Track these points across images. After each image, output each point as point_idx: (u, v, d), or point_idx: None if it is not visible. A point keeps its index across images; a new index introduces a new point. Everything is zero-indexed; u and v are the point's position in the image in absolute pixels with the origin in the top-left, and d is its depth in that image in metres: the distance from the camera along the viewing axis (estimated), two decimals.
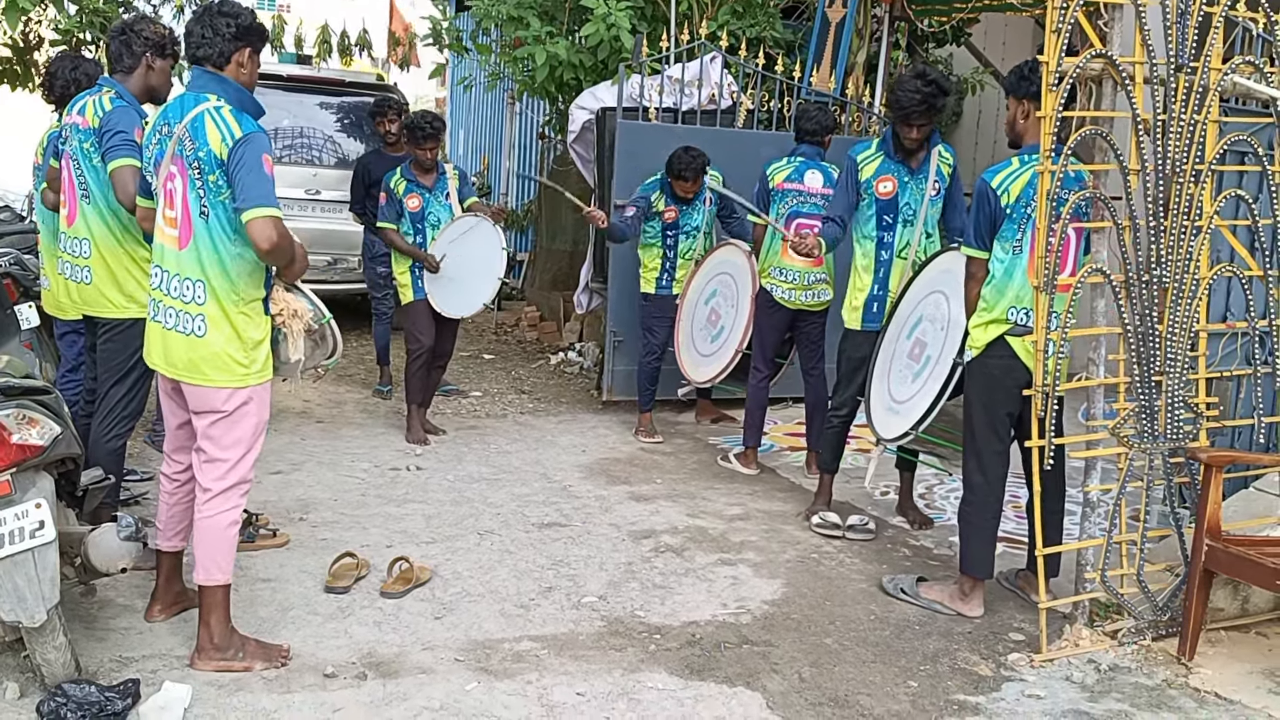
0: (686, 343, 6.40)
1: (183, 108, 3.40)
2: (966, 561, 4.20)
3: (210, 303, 3.37)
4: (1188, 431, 3.92)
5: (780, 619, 4.09)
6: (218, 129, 3.30)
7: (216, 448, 3.44)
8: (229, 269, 3.37)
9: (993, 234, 4.06)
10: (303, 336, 3.56)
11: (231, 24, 3.40)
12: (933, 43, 9.51)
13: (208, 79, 3.42)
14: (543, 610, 4.07)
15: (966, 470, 4.21)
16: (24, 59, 7.97)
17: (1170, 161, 3.79)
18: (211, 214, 3.34)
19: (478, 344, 9.54)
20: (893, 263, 5.04)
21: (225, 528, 3.46)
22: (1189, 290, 3.86)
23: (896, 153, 4.98)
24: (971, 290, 4.15)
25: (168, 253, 3.43)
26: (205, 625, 3.46)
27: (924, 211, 4.99)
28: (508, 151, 12.25)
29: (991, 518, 4.17)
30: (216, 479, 3.45)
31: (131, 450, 5.67)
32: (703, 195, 6.47)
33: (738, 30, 7.91)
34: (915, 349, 4.70)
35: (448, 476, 5.70)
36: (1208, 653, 3.83)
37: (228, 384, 3.40)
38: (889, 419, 4.73)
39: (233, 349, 3.39)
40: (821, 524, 5.08)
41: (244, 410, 3.44)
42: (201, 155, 3.30)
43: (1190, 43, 3.76)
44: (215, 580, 3.45)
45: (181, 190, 3.37)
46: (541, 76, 8.01)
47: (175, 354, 3.42)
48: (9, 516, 3.03)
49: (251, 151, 3.29)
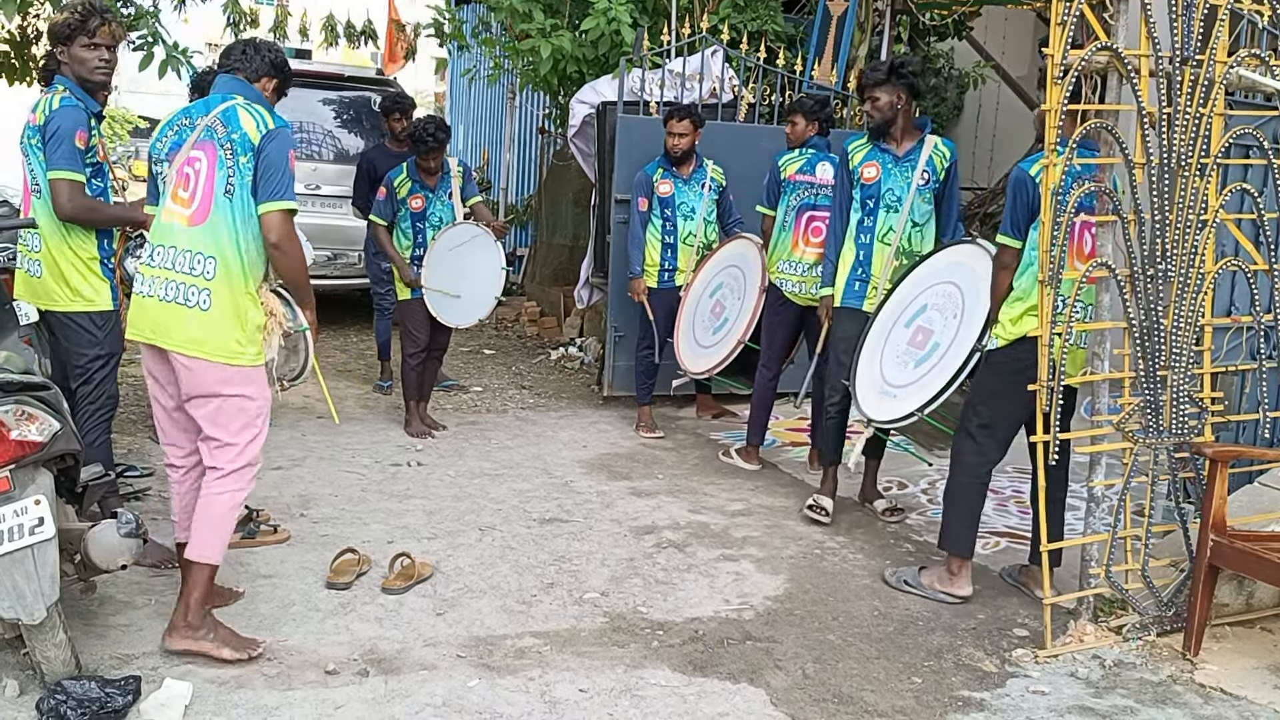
0: (687, 334, 6.37)
1: (208, 105, 3.56)
2: (946, 538, 4.26)
3: (219, 279, 3.45)
4: (1193, 426, 3.91)
5: (783, 615, 4.08)
6: (252, 118, 3.49)
7: (226, 433, 3.52)
8: (242, 250, 3.48)
9: (1029, 223, 4.05)
10: (277, 339, 3.61)
11: (272, 55, 3.72)
12: (934, 36, 9.48)
13: (236, 84, 3.63)
14: (544, 606, 4.05)
15: (961, 450, 4.24)
16: (22, 53, 7.95)
17: (1175, 155, 3.77)
18: (236, 194, 3.47)
19: (478, 339, 9.53)
20: (873, 247, 5.03)
21: (229, 509, 3.53)
22: (1194, 284, 3.84)
23: (880, 138, 5.01)
24: (1003, 279, 4.14)
25: (176, 230, 3.51)
26: (184, 602, 3.48)
27: (909, 200, 4.99)
28: (508, 145, 12.23)
29: (977, 498, 4.24)
30: (228, 460, 3.53)
31: (132, 446, 5.67)
32: (700, 177, 6.45)
33: (739, 24, 7.88)
34: (918, 336, 4.68)
35: (449, 472, 5.68)
36: (1213, 648, 3.81)
37: (224, 359, 3.45)
38: (883, 401, 4.72)
39: (233, 327, 3.47)
40: (813, 506, 5.12)
41: (244, 394, 3.51)
42: (235, 138, 3.46)
43: (1196, 36, 3.74)
44: (206, 559, 3.48)
45: (206, 170, 3.48)
46: (545, 70, 7.99)
47: (173, 327, 3.46)
48: (8, 513, 3.01)
49: (279, 145, 3.48)
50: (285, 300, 3.66)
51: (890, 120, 4.94)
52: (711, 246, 6.49)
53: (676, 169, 6.43)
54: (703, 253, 6.47)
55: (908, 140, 5.01)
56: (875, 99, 4.92)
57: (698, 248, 6.47)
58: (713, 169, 6.49)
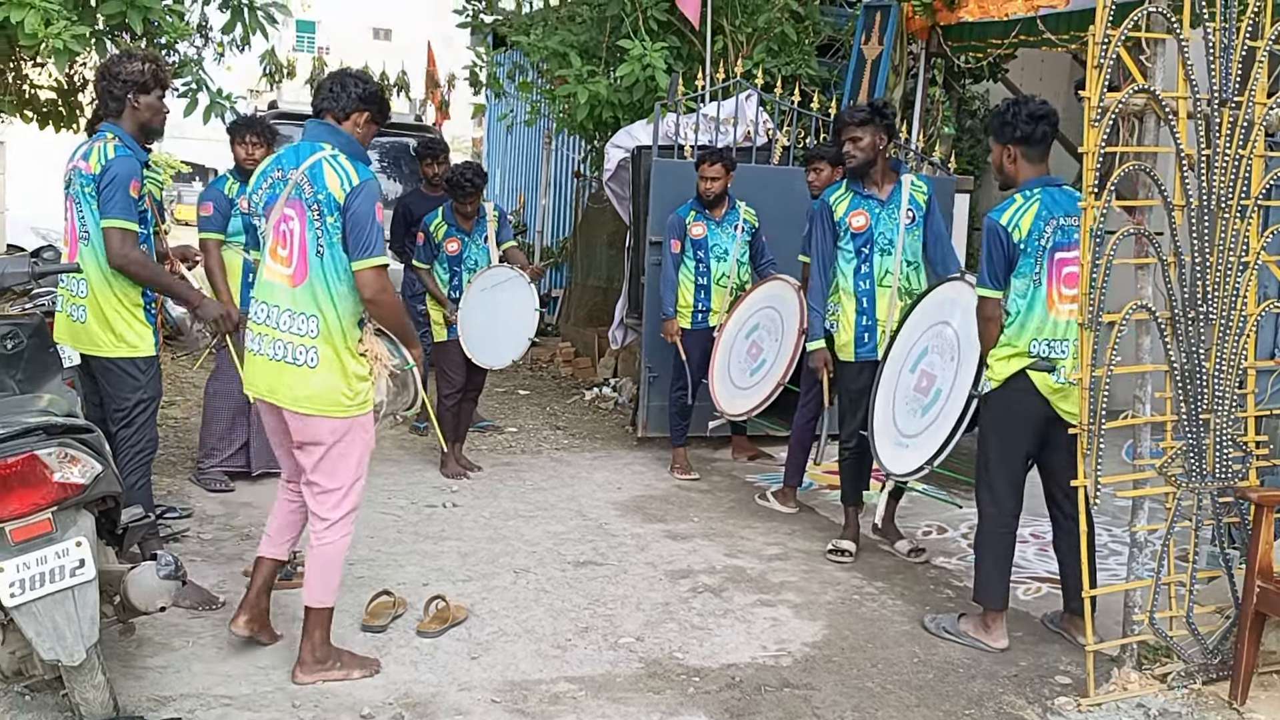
0: (722, 375, 6.36)
1: (298, 155, 3.59)
2: (978, 591, 4.23)
3: (322, 336, 3.54)
4: (1237, 470, 3.85)
5: (821, 661, 4.03)
6: (336, 174, 3.51)
7: (328, 479, 3.62)
8: (339, 307, 3.55)
9: (1008, 272, 4.06)
10: (385, 381, 3.68)
11: (361, 87, 3.68)
12: (969, 79, 9.50)
13: (322, 129, 3.64)
14: (579, 650, 4.03)
15: (980, 501, 4.25)
16: (68, 100, 8.11)
17: (1215, 197, 3.74)
18: (327, 254, 3.52)
19: (512, 380, 9.55)
20: (875, 291, 5.07)
21: (338, 555, 3.68)
22: (1236, 326, 3.80)
23: (860, 184, 5.06)
24: (991, 330, 4.12)
25: (279, 289, 3.58)
26: (309, 640, 3.64)
27: (901, 240, 5.03)
28: (544, 189, 12.33)
29: (1005, 549, 4.20)
30: (331, 508, 3.64)
31: (171, 488, 5.72)
32: (733, 219, 6.46)
33: (773, 68, 7.93)
34: (923, 381, 4.69)
35: (483, 513, 5.69)
36: (1260, 697, 3.73)
37: (334, 414, 3.56)
38: (898, 454, 4.71)
39: (340, 382, 3.56)
40: (833, 550, 5.14)
41: (350, 440, 3.61)
42: (321, 198, 3.49)
43: (1234, 77, 3.72)
44: (321, 603, 3.65)
45: (299, 231, 3.53)
46: (581, 115, 8.07)
47: (285, 386, 3.56)
48: (50, 554, 3.04)
49: (365, 200, 3.50)
50: (388, 339, 3.72)
51: (870, 162, 5.01)
52: (745, 288, 6.50)
53: (709, 211, 6.45)
54: (736, 294, 6.48)
55: (887, 183, 5.08)
56: (857, 139, 4.98)
57: (731, 289, 6.48)
58: (745, 211, 6.51)
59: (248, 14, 6.67)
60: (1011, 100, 4.14)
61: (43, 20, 5.38)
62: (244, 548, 4.90)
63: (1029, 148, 4.07)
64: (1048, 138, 4.09)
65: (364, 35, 39.93)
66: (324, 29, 38.61)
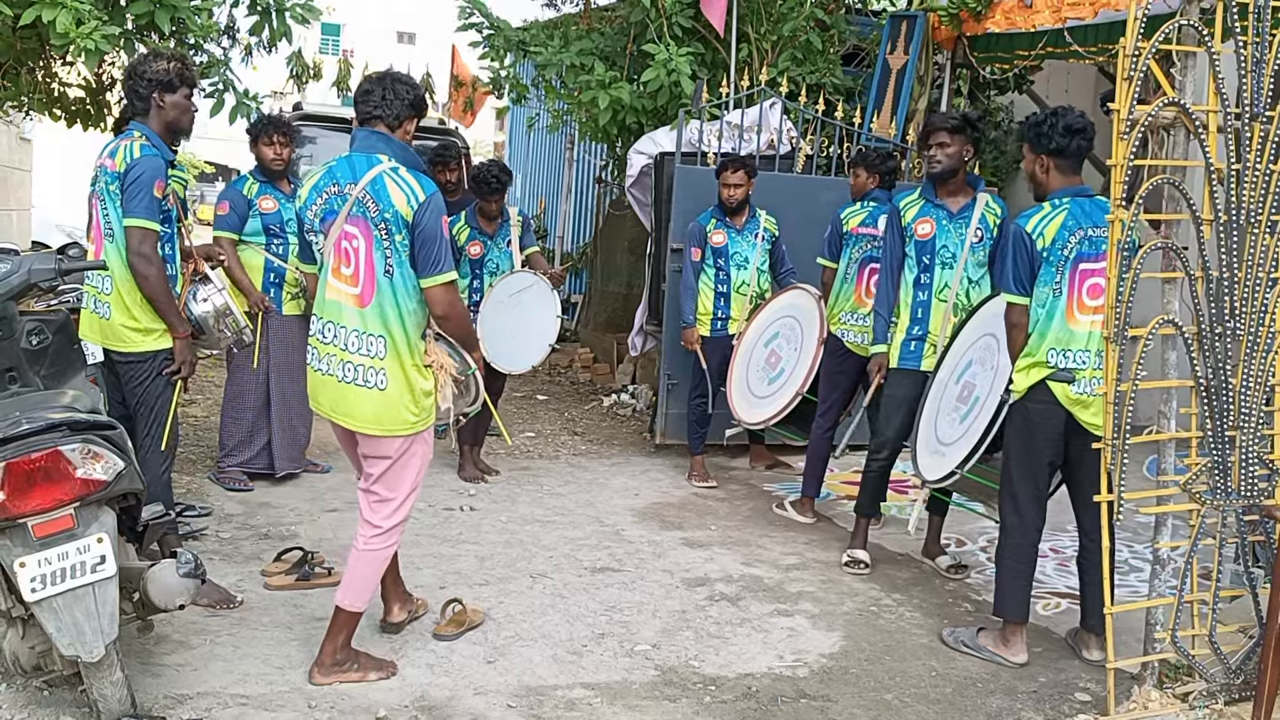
0: (740, 383, 6.34)
1: (354, 168, 3.51)
2: (998, 602, 4.21)
3: (390, 357, 3.51)
4: (1262, 488, 3.81)
5: (838, 673, 4.01)
6: (401, 189, 3.45)
7: (389, 490, 3.67)
8: (407, 325, 3.53)
9: (1032, 279, 4.05)
10: (450, 389, 3.70)
11: (410, 92, 3.61)
12: (995, 90, 9.47)
13: (376, 139, 3.57)
14: (595, 657, 4.02)
15: (1002, 512, 4.24)
16: (96, 99, 8.16)
17: (1244, 212, 3.71)
18: (396, 273, 3.48)
19: (531, 385, 9.56)
20: (931, 304, 4.99)
21: (381, 563, 3.73)
22: (1264, 342, 3.76)
23: (935, 192, 4.99)
24: (1017, 337, 4.12)
25: (345, 309, 3.53)
26: (331, 641, 3.65)
27: (964, 256, 4.94)
28: (565, 195, 12.35)
29: (1026, 561, 4.18)
30: (385, 517, 3.68)
31: (191, 486, 5.74)
32: (754, 227, 6.45)
33: (798, 76, 7.93)
34: (964, 391, 4.67)
35: (500, 518, 5.68)
36: None
37: (401, 432, 3.57)
38: (933, 461, 4.69)
39: (407, 400, 3.55)
40: (850, 561, 5.13)
41: (412, 453, 3.65)
42: (388, 216, 3.43)
43: (1266, 91, 3.69)
44: (354, 607, 3.65)
45: (365, 249, 3.47)
46: (604, 120, 8.07)
47: (354, 407, 3.56)
48: (71, 550, 3.05)
49: (432, 216, 3.46)
50: (447, 342, 3.73)
51: (953, 170, 4.91)
52: (765, 296, 6.48)
53: (730, 219, 6.44)
54: (756, 302, 6.47)
55: (962, 196, 4.98)
56: (944, 144, 4.88)
57: (751, 297, 6.46)
58: (765, 219, 6.50)
59: (275, 17, 6.70)
60: (1050, 110, 4.11)
61: (74, 20, 5.41)
62: (262, 547, 4.92)
63: (1062, 159, 4.05)
64: (1082, 151, 4.07)
65: (389, 39, 40.14)
66: (349, 32, 38.81)
